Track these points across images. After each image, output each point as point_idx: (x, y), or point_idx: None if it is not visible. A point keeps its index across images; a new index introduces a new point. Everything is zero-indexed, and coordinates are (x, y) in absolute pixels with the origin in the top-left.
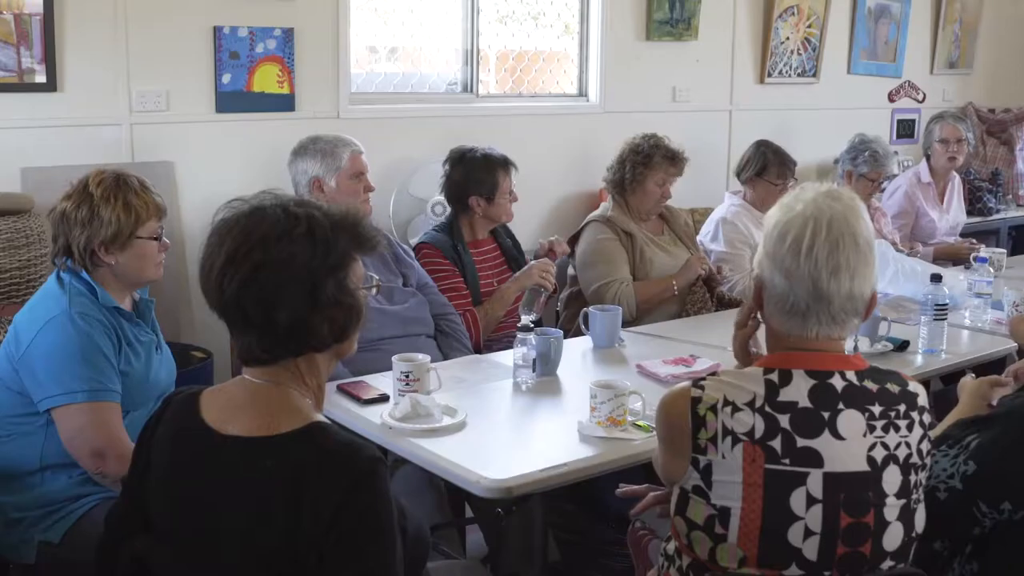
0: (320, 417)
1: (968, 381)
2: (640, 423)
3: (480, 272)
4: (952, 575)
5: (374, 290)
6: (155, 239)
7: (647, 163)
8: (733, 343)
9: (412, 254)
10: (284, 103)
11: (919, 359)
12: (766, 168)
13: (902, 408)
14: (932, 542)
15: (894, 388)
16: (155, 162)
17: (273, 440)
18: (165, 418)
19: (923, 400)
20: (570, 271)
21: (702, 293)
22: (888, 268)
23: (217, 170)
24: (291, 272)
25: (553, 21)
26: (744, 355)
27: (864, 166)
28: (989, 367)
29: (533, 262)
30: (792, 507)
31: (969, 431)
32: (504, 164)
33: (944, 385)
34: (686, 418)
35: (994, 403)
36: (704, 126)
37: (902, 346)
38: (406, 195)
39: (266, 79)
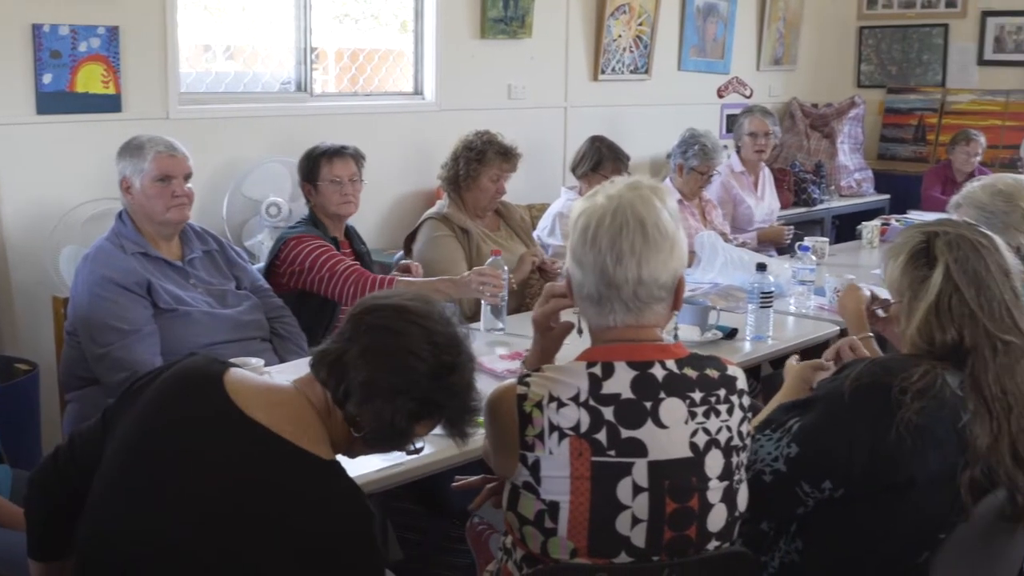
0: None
1: (792, 364)
2: (482, 417)
3: None
4: (778, 553)
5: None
6: None
7: (480, 159)
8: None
9: (245, 256)
10: (110, 104)
11: (747, 345)
12: (601, 163)
13: (722, 393)
14: (759, 523)
15: (714, 374)
16: None
17: (297, 450)
18: (176, 374)
19: (742, 383)
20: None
21: (539, 287)
22: (717, 258)
23: (41, 174)
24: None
25: (391, 19)
26: (543, 325)
27: (694, 159)
28: (814, 351)
29: (467, 273)
30: (619, 497)
31: (791, 415)
32: (328, 152)
33: (773, 369)
34: (513, 416)
35: (815, 386)
36: (540, 123)
37: (731, 334)
38: (240, 196)
39: (90, 79)
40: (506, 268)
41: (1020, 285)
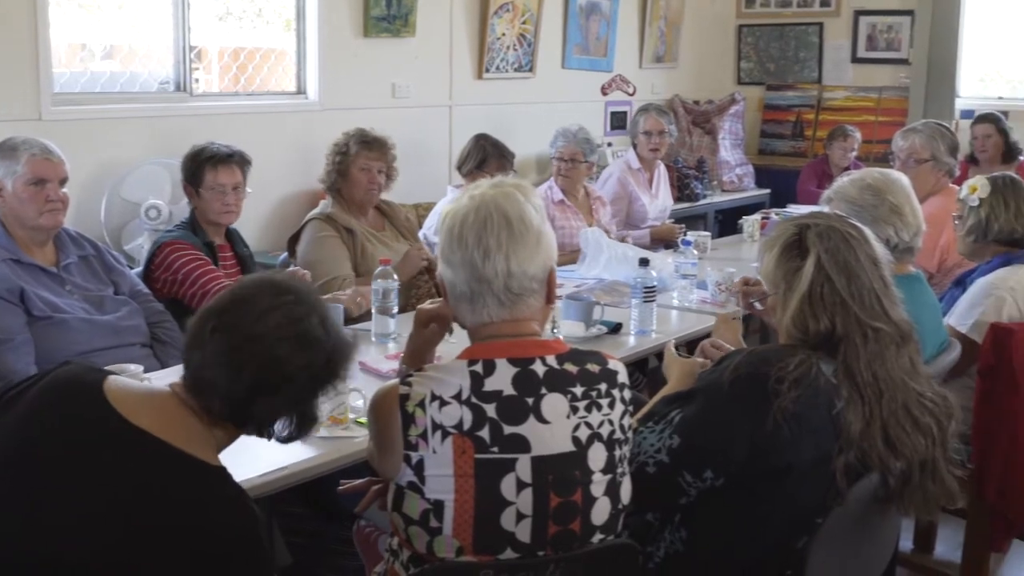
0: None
1: (673, 356)
2: (361, 420)
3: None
4: (664, 543)
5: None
6: None
7: (346, 152)
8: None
9: (123, 261)
10: None
11: (632, 340)
12: (485, 161)
13: (603, 387)
14: (644, 514)
15: (594, 368)
16: None
17: (183, 455)
18: (52, 383)
19: (623, 377)
20: None
21: (428, 288)
22: (602, 254)
23: None
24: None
25: (274, 18)
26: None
27: (552, 148)
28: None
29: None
30: (503, 493)
31: (673, 407)
32: (213, 158)
33: (660, 363)
34: (395, 416)
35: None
36: (425, 122)
37: (615, 328)
38: (118, 199)
39: None
40: (395, 277)
41: (889, 274)
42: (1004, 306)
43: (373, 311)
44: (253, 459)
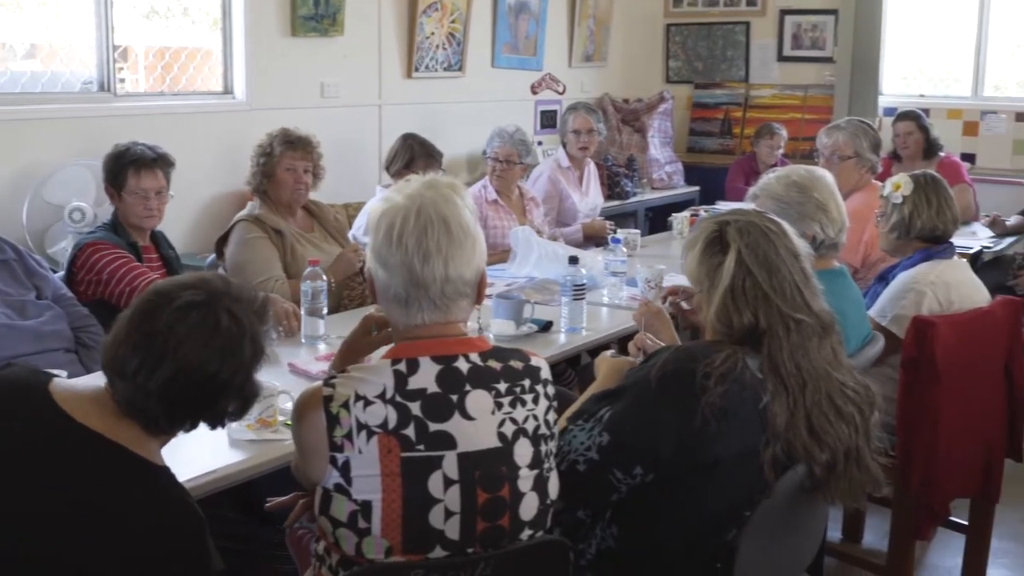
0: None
1: (605, 357)
2: (291, 423)
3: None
4: (595, 540)
5: None
6: None
7: (271, 152)
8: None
9: (46, 265)
10: None
11: (562, 337)
12: (413, 160)
13: (527, 383)
14: (576, 512)
15: (517, 364)
16: None
17: (133, 456)
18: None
19: (546, 374)
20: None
21: (362, 289)
22: (532, 253)
23: None
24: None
25: (202, 16)
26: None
27: (488, 148)
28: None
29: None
30: (431, 491)
31: (602, 404)
32: (136, 162)
33: (592, 359)
34: (320, 417)
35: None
36: (354, 121)
37: (546, 326)
38: (41, 202)
39: None
40: (325, 278)
41: (810, 267)
42: (924, 300)
43: (302, 312)
44: (182, 463)
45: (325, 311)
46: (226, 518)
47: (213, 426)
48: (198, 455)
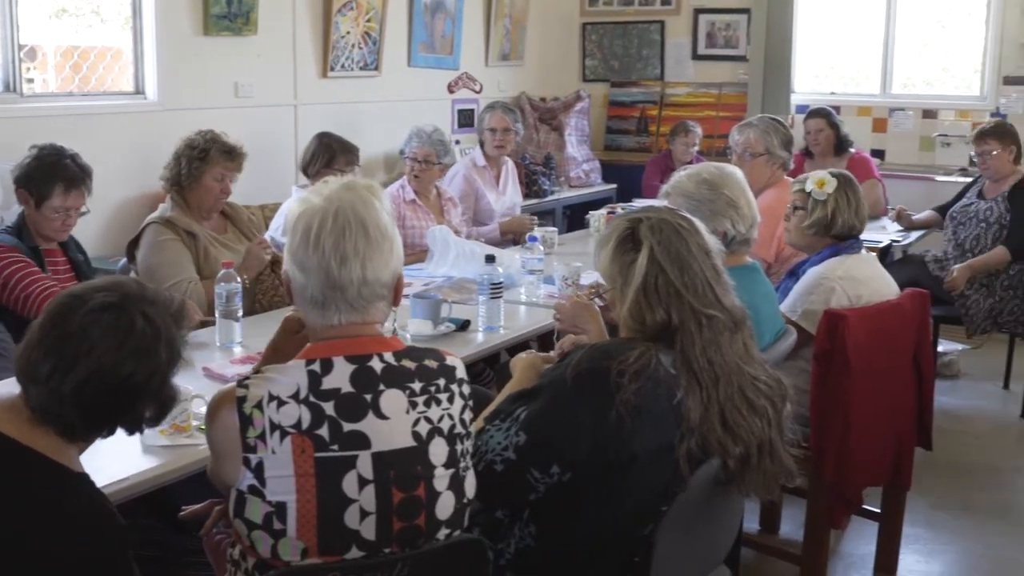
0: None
1: (520, 357)
2: (204, 424)
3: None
4: (514, 539)
5: None
6: None
7: (204, 158)
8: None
9: None
10: None
11: (480, 336)
12: (334, 158)
13: (442, 382)
14: (494, 512)
15: (432, 364)
16: None
17: (53, 463)
18: None
19: (461, 373)
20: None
21: (271, 281)
22: (450, 252)
23: None
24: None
25: (113, 15)
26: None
27: (406, 148)
28: (548, 337)
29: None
30: (345, 491)
31: (518, 404)
32: (66, 180)
33: (511, 357)
34: (233, 418)
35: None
36: (269, 122)
37: (463, 326)
38: None
39: None
40: (240, 279)
41: (721, 263)
42: (833, 296)
43: (217, 315)
44: (94, 470)
45: (240, 313)
46: (142, 525)
47: (131, 431)
48: (111, 462)
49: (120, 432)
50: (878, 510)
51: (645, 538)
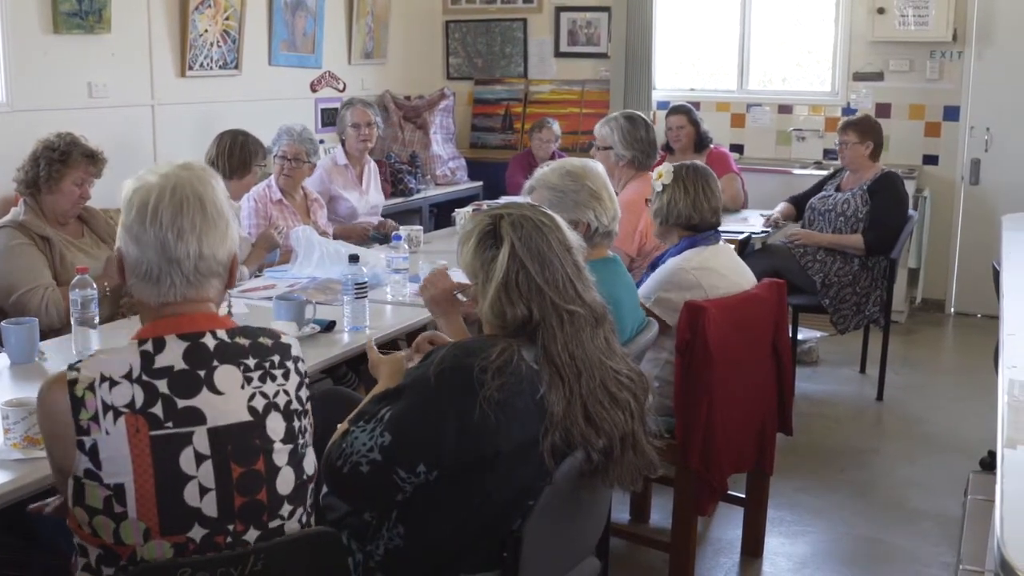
0: None
1: (382, 358)
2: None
3: None
4: (382, 541)
5: None
6: None
7: (64, 161)
8: None
9: None
10: None
11: (346, 337)
12: (258, 153)
13: (276, 359)
14: (362, 514)
15: (267, 341)
16: None
17: None
18: None
19: (297, 351)
20: None
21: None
22: (314, 252)
23: None
24: None
25: None
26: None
27: (275, 147)
28: (413, 336)
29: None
30: (183, 468)
31: (383, 404)
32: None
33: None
34: (64, 402)
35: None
36: (125, 122)
37: (329, 326)
38: None
39: None
40: (103, 287)
41: (582, 259)
42: (688, 285)
43: (72, 323)
44: None
45: (96, 320)
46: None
47: None
48: None
49: None
50: (743, 495)
51: (513, 533)
